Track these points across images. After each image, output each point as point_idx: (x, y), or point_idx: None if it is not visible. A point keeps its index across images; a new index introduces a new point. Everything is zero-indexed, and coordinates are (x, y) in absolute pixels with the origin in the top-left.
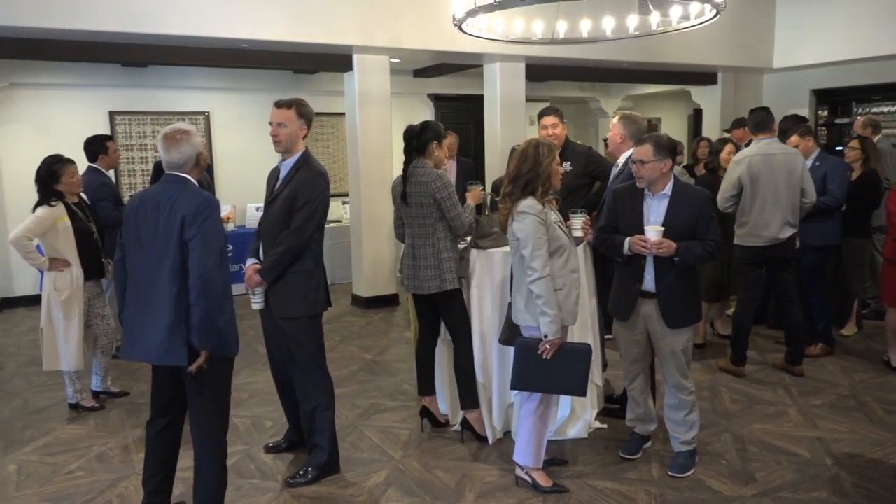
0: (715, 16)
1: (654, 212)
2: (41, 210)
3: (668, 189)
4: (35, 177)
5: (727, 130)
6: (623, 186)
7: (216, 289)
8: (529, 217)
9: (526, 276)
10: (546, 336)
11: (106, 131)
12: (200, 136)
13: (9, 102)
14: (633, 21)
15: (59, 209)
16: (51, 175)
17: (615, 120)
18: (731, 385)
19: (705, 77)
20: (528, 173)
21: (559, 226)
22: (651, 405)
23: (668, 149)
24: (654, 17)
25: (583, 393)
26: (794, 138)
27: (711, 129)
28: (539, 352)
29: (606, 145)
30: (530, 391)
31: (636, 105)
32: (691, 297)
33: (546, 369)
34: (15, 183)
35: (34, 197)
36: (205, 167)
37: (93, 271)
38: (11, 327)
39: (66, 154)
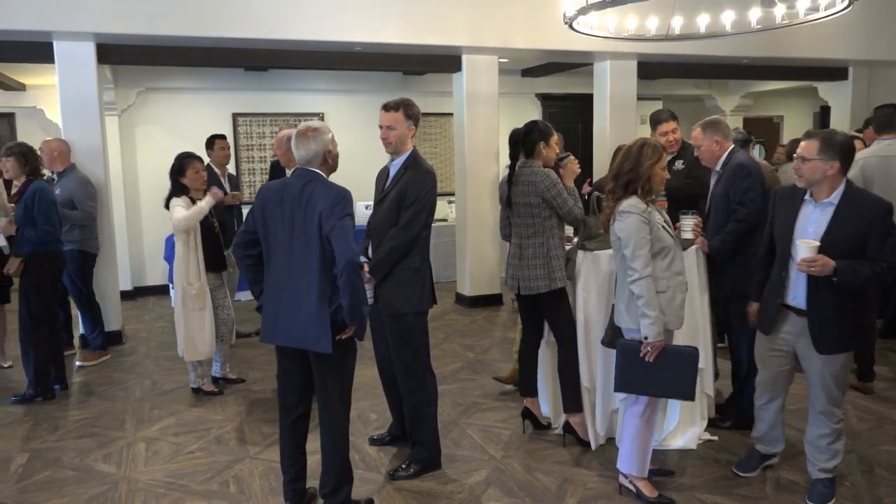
0: (847, 6)
1: (815, 222)
2: (175, 200)
3: (836, 197)
4: (169, 171)
5: (859, 131)
6: (786, 186)
7: (360, 272)
8: (632, 216)
9: (626, 276)
10: (646, 338)
11: (229, 132)
12: (331, 133)
13: (144, 105)
14: (755, 14)
15: (186, 203)
16: (179, 168)
17: (698, 133)
18: (857, 402)
19: (834, 72)
20: (628, 172)
21: (664, 226)
22: (783, 429)
23: (839, 150)
24: (779, 10)
25: (691, 397)
26: None
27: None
28: (641, 354)
29: None
30: (634, 393)
31: (756, 103)
32: (854, 319)
33: (649, 372)
34: (149, 180)
35: (166, 193)
36: (334, 165)
37: (215, 263)
38: (143, 314)
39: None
